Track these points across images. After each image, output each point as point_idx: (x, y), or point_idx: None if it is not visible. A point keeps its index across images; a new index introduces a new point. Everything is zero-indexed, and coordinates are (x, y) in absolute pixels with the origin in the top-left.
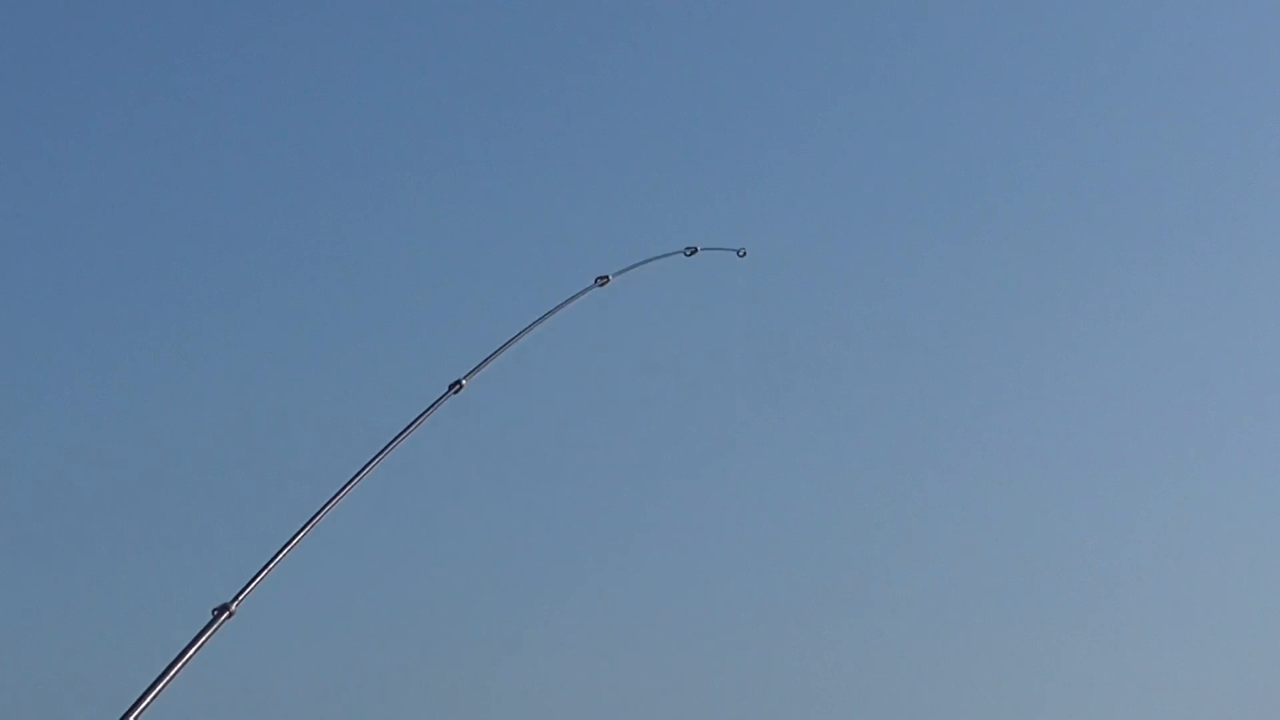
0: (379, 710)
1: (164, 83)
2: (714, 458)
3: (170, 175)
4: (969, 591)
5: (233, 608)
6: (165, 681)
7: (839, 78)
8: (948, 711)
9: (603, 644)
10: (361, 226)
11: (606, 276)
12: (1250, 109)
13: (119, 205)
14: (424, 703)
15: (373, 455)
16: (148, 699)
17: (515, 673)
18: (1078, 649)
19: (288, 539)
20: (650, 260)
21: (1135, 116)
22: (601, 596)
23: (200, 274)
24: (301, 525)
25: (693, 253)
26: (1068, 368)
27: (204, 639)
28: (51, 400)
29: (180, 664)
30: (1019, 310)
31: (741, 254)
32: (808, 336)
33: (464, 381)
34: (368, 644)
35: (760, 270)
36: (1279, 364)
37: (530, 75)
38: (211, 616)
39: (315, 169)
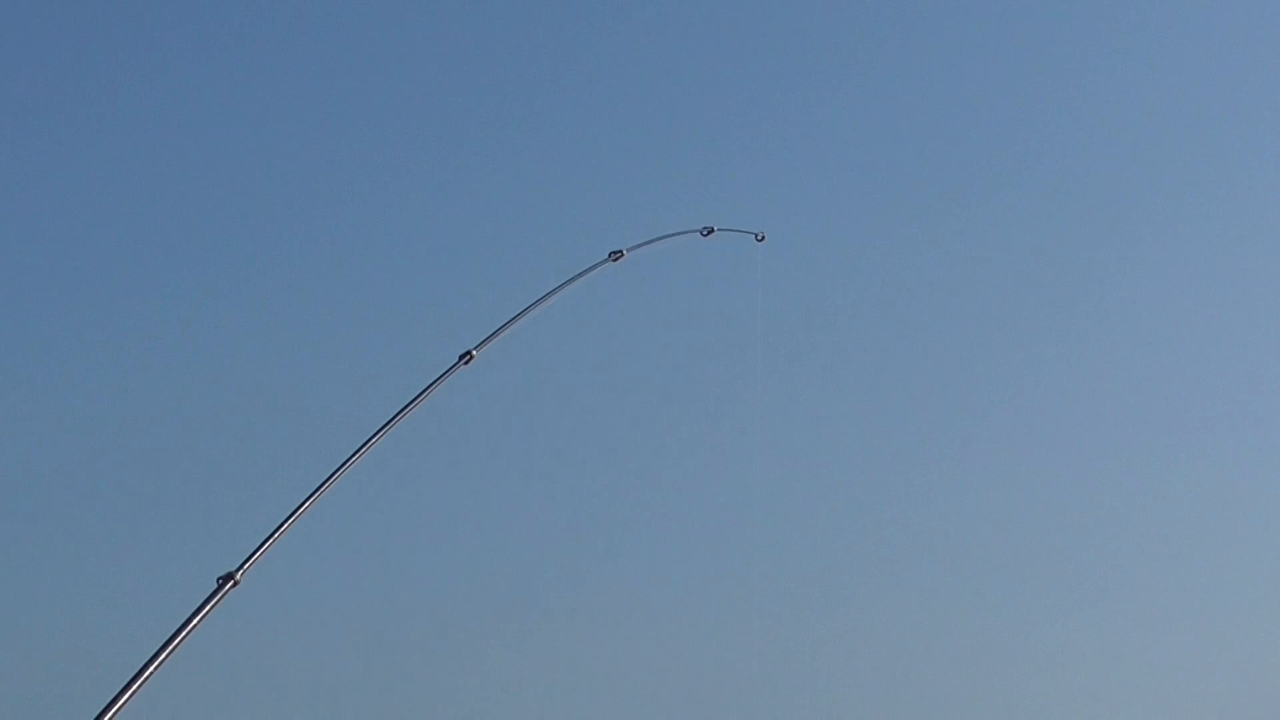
0: (383, 677)
1: (170, 66)
2: (721, 435)
3: (195, 139)
4: (972, 587)
5: (238, 576)
6: (170, 649)
7: (860, 63)
8: (952, 707)
9: (608, 615)
10: (378, 195)
11: (620, 251)
12: (1253, 102)
13: (152, 178)
14: (428, 670)
15: (382, 424)
16: (153, 666)
17: (519, 639)
18: (1082, 645)
19: (293, 508)
20: (665, 237)
21: (1150, 106)
22: (607, 569)
23: (214, 240)
24: (308, 494)
25: (709, 233)
26: (1075, 362)
27: (209, 607)
28: (58, 365)
29: (185, 632)
30: (1030, 300)
31: (760, 238)
32: (822, 319)
33: (475, 352)
34: (372, 612)
35: (777, 253)
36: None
37: (549, 47)
38: (216, 585)
39: (334, 140)
